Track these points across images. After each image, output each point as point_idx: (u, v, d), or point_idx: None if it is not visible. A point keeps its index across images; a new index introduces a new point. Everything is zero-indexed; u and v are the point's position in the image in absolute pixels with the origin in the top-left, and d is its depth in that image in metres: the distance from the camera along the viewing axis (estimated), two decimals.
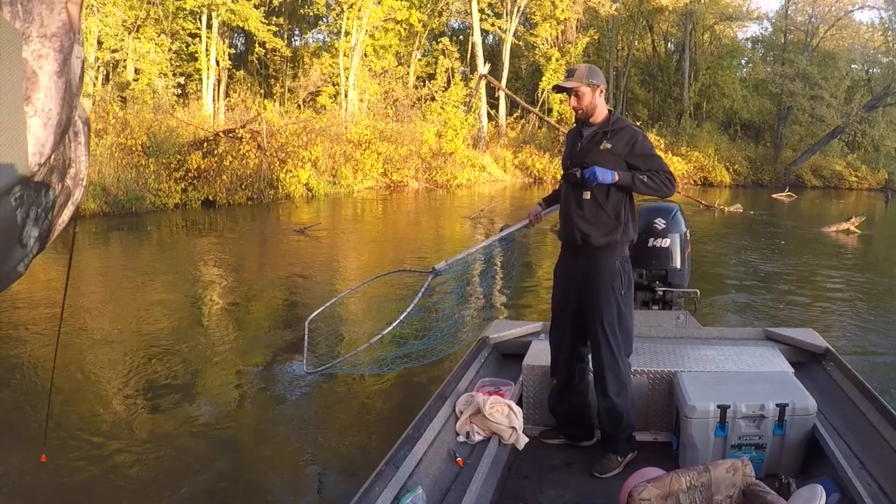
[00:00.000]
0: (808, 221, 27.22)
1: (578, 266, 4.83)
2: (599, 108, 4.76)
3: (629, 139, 4.67)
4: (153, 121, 27.03)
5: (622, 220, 4.71)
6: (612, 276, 4.70)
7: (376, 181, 34.91)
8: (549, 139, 46.46)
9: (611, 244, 4.70)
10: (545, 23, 49.19)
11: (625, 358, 4.78)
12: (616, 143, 4.67)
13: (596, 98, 4.73)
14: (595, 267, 4.73)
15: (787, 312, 11.64)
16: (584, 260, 4.79)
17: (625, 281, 4.74)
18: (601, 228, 4.69)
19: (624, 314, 4.74)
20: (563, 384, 5.02)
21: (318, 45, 48.61)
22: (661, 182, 4.60)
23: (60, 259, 12.48)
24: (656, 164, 4.67)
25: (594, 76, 4.72)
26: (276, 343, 9.38)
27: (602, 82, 4.76)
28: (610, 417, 4.75)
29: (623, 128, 4.72)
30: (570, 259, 4.92)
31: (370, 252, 18.00)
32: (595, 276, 4.72)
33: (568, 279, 4.93)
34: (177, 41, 37.64)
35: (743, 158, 49.32)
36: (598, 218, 4.70)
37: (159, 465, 5.88)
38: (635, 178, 4.59)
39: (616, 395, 4.70)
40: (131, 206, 22.43)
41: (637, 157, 4.66)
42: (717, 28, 55.11)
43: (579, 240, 4.75)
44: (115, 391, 7.57)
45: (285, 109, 37.28)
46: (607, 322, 4.68)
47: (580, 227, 4.74)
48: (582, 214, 4.74)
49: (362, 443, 6.39)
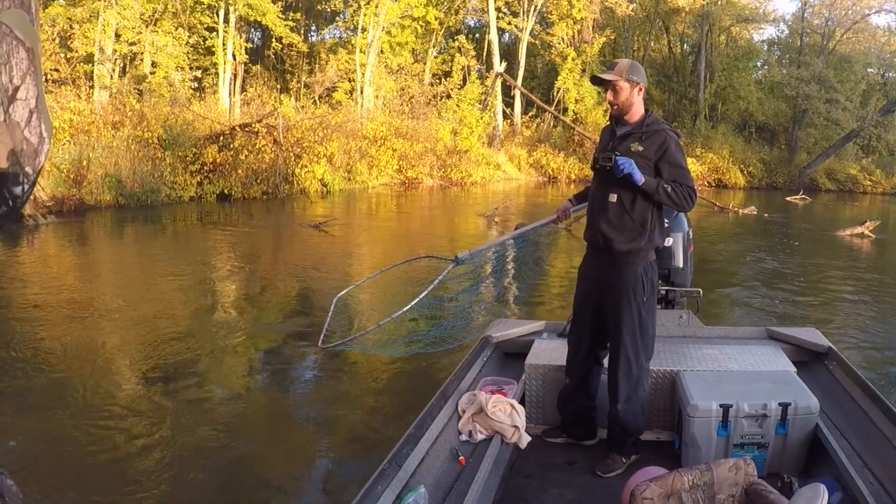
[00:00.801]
0: (822, 224, 27.14)
1: (601, 269, 4.76)
2: (636, 107, 4.64)
3: (661, 144, 4.52)
4: (170, 114, 27.06)
5: (648, 227, 4.58)
6: (633, 282, 4.60)
7: (391, 178, 34.93)
8: (564, 138, 46.37)
9: (634, 251, 4.60)
10: (561, 22, 49.00)
11: (643, 365, 4.70)
12: (648, 147, 4.54)
13: (633, 95, 4.59)
14: (617, 272, 4.65)
15: (794, 313, 11.63)
16: (607, 264, 4.70)
17: (647, 287, 4.64)
18: (625, 234, 4.58)
19: (645, 321, 4.65)
20: (575, 384, 4.99)
21: (335, 41, 48.64)
22: (683, 196, 4.48)
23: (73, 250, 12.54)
24: (682, 177, 4.52)
25: (635, 72, 4.58)
26: (287, 339, 9.40)
27: (642, 80, 4.61)
28: (618, 421, 4.70)
29: (657, 131, 4.57)
30: (594, 261, 4.85)
31: (385, 247, 18.04)
32: (617, 280, 4.64)
33: (590, 281, 4.87)
34: (194, 35, 37.65)
35: (757, 161, 49.02)
36: (622, 223, 4.59)
37: (162, 456, 5.94)
38: (660, 186, 4.45)
39: (626, 400, 4.66)
40: (147, 199, 22.53)
41: (665, 165, 4.52)
42: (733, 30, 54.85)
43: (602, 243, 4.68)
44: (126, 376, 7.64)
45: (301, 105, 37.25)
46: (626, 328, 4.61)
47: (604, 231, 4.64)
48: (607, 218, 4.64)
49: (365, 441, 6.41)
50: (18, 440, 6.10)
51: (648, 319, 4.68)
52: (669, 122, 4.95)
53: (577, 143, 44.95)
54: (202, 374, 7.94)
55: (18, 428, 6.33)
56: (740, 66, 53.18)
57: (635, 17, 52.25)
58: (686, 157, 4.65)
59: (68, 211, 19.77)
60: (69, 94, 25.01)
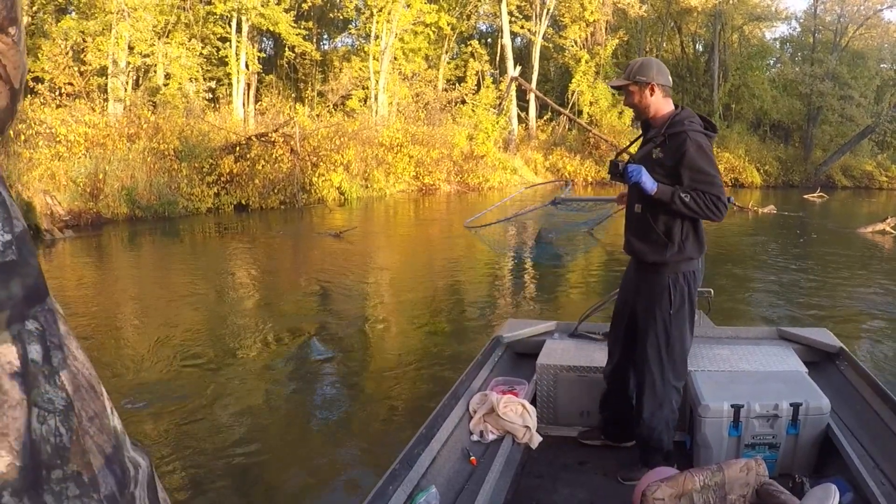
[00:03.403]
0: (841, 222, 27.01)
1: (635, 276, 4.63)
2: (656, 108, 4.37)
3: (678, 148, 4.17)
4: (185, 125, 27.14)
5: (675, 239, 4.29)
6: (659, 294, 4.38)
7: (408, 184, 34.91)
8: (580, 141, 46.24)
9: (661, 262, 4.36)
10: (574, 25, 49.05)
11: (670, 383, 4.49)
12: (667, 153, 4.23)
13: (647, 97, 4.33)
14: (645, 281, 4.50)
15: (810, 313, 11.55)
16: (639, 272, 4.58)
17: (675, 300, 4.36)
18: (650, 246, 4.38)
19: (671, 336, 4.40)
20: (612, 386, 4.92)
21: (348, 49, 48.70)
22: (706, 206, 4.11)
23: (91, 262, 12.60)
24: (704, 183, 4.13)
25: (642, 72, 4.30)
26: (304, 344, 9.46)
27: (654, 78, 4.30)
28: (641, 437, 4.61)
29: (677, 133, 4.21)
30: (631, 267, 4.74)
31: (407, 255, 18.01)
32: (646, 290, 4.49)
33: (627, 287, 4.74)
34: (207, 46, 37.79)
35: (773, 159, 48.97)
36: (647, 235, 4.38)
37: (176, 456, 6.02)
38: (675, 195, 4.11)
39: (650, 417, 4.51)
40: (164, 211, 22.53)
41: (685, 171, 4.15)
42: (745, 28, 54.73)
43: (632, 253, 4.58)
44: (146, 384, 7.70)
45: (316, 113, 37.30)
46: (651, 341, 4.44)
47: (631, 242, 4.52)
48: (632, 229, 4.52)
49: (376, 442, 6.44)
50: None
51: (676, 335, 4.42)
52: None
53: (593, 145, 44.90)
54: (214, 378, 7.98)
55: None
56: (753, 64, 53.07)
57: (647, 17, 52.19)
58: (713, 159, 4.26)
59: (85, 225, 19.82)
60: (84, 108, 25.05)
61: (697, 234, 4.38)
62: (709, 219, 4.20)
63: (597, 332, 5.92)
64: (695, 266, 4.44)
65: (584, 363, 5.28)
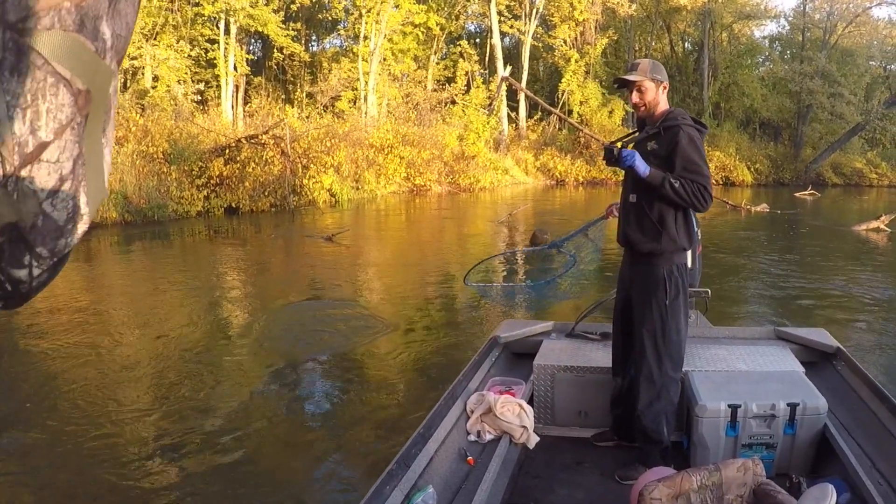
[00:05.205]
0: (834, 220, 27.12)
1: (630, 268, 4.74)
2: (661, 106, 4.56)
3: (671, 139, 4.37)
4: (174, 128, 27.07)
5: (669, 228, 4.45)
6: (655, 284, 4.50)
7: (399, 185, 34.96)
8: (570, 141, 46.40)
9: (656, 252, 4.50)
10: (563, 24, 49.22)
11: (667, 373, 4.56)
12: (661, 145, 4.43)
13: (659, 94, 4.53)
14: (640, 272, 4.61)
15: (806, 312, 11.57)
16: (634, 264, 4.69)
17: (671, 291, 4.49)
18: (644, 235, 4.52)
19: (668, 325, 4.51)
20: (620, 385, 4.93)
21: (337, 50, 48.74)
22: (693, 193, 4.30)
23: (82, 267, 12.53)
24: (693, 173, 4.32)
25: (658, 71, 4.52)
26: (298, 347, 9.42)
27: (665, 79, 4.54)
28: (639, 428, 4.63)
29: (671, 127, 4.40)
30: (625, 259, 4.84)
31: (401, 258, 17.87)
32: (640, 281, 4.60)
33: (622, 281, 4.84)
34: (195, 47, 37.75)
35: (764, 157, 49.20)
36: (641, 224, 4.53)
37: (172, 462, 5.96)
38: (666, 180, 4.29)
39: (647, 407, 4.55)
40: (153, 215, 22.39)
41: (676, 160, 4.35)
42: (734, 27, 54.90)
43: (626, 244, 4.69)
44: (137, 389, 7.66)
45: (306, 115, 37.29)
46: (647, 331, 4.53)
47: (626, 232, 4.63)
48: (628, 218, 4.63)
49: (373, 442, 6.43)
50: (35, 457, 6.11)
51: (672, 325, 4.52)
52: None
53: (584, 144, 44.97)
54: (207, 384, 7.94)
55: (32, 443, 6.35)
56: (743, 63, 53.31)
57: (637, 16, 52.33)
58: (703, 153, 4.46)
59: None
60: None
61: (688, 225, 4.55)
62: (694, 207, 4.40)
63: (594, 333, 5.92)
64: (686, 258, 4.59)
65: (581, 363, 5.27)
